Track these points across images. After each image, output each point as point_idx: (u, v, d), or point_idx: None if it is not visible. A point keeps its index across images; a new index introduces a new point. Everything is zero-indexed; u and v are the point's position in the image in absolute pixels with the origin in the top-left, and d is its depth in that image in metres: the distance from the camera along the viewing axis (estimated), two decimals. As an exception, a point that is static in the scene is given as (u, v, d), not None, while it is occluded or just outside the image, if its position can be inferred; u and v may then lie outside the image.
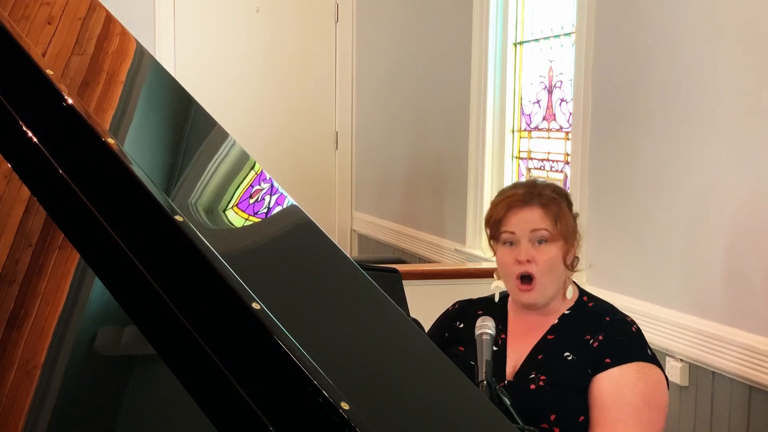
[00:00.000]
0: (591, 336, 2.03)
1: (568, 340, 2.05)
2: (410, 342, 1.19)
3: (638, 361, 1.99)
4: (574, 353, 2.02)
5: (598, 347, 2.01)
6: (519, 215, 2.07)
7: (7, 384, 1.19)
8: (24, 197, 1.34)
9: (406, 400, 1.09)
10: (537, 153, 3.96)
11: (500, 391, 1.80)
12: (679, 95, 2.86)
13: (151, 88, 1.55)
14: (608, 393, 1.96)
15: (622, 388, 1.96)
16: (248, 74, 5.50)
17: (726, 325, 2.67)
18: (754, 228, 2.57)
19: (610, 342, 2.01)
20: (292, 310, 1.13)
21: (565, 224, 2.07)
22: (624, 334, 2.03)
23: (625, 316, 2.09)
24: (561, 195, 2.12)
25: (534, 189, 2.11)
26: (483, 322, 1.92)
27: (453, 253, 4.35)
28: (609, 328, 2.04)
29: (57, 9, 1.54)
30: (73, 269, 1.29)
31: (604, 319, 2.06)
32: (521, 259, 2.05)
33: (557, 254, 2.06)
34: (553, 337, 2.07)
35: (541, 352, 2.05)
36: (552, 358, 2.03)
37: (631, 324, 2.06)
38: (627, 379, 1.97)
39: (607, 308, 2.11)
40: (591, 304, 2.12)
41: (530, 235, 2.05)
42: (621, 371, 1.97)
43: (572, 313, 2.10)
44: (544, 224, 2.05)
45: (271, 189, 1.38)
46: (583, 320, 2.08)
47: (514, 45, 4.08)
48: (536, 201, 2.08)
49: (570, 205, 2.14)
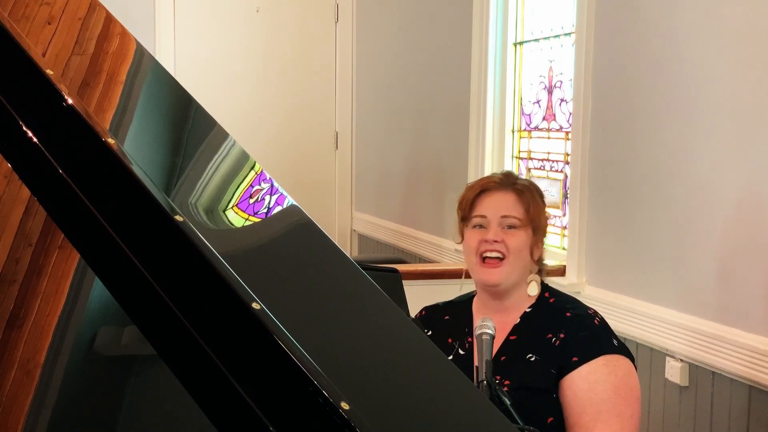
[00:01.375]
0: (552, 334, 2.01)
1: (530, 340, 2.03)
2: (410, 342, 1.19)
3: (605, 354, 1.97)
4: (537, 353, 2.00)
5: (560, 345, 1.99)
6: (492, 197, 2.09)
7: (7, 384, 1.19)
8: (24, 197, 1.34)
9: (406, 400, 1.09)
10: (537, 153, 3.96)
11: (500, 391, 1.80)
12: (678, 95, 2.86)
13: (151, 88, 1.55)
14: (581, 392, 1.94)
15: (593, 385, 1.94)
16: (248, 74, 5.50)
17: (726, 325, 2.67)
18: (754, 228, 2.57)
19: (573, 339, 1.99)
20: (292, 310, 1.13)
21: (537, 214, 2.08)
22: (586, 329, 2.01)
23: (587, 309, 2.07)
24: (536, 189, 2.14)
25: (510, 177, 2.15)
26: (483, 323, 1.91)
27: (453, 253, 4.35)
28: (570, 325, 2.01)
29: (57, 9, 1.54)
30: (73, 269, 1.29)
31: (564, 315, 2.04)
32: (489, 239, 2.05)
33: (526, 241, 2.06)
34: (515, 338, 2.05)
35: (504, 353, 2.03)
36: (515, 360, 2.01)
37: (593, 316, 2.04)
38: (597, 375, 1.95)
39: (569, 303, 2.09)
40: (552, 300, 2.10)
41: (501, 220, 2.06)
42: (590, 368, 1.96)
43: (533, 310, 2.08)
44: (515, 211, 2.06)
45: (271, 189, 1.38)
46: (545, 318, 2.06)
47: (514, 45, 4.08)
48: (511, 187, 2.10)
49: (543, 202, 2.15)
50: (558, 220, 3.68)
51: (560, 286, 2.34)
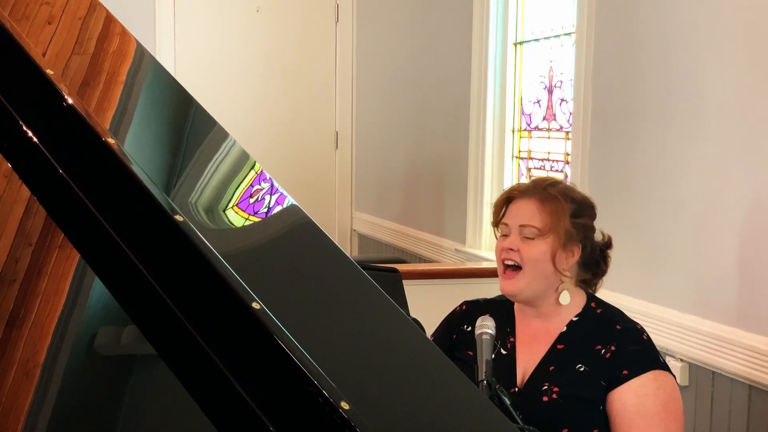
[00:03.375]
0: (602, 346, 2.00)
1: (578, 350, 2.02)
2: (410, 342, 1.19)
3: (654, 370, 1.97)
4: (587, 365, 1.99)
5: (611, 358, 1.98)
6: (515, 205, 2.07)
7: (7, 384, 1.19)
8: (24, 197, 1.34)
9: (406, 400, 1.09)
10: (537, 153, 3.96)
11: (500, 390, 1.79)
12: (678, 95, 2.86)
13: (151, 88, 1.55)
14: (631, 406, 1.94)
15: (643, 399, 1.94)
16: (248, 74, 5.50)
17: (726, 325, 2.67)
18: (754, 228, 2.57)
19: (624, 352, 1.98)
20: (292, 310, 1.13)
21: (558, 222, 2.03)
22: (637, 343, 2.01)
23: (636, 324, 2.06)
24: (568, 198, 2.06)
25: (541, 184, 2.09)
26: (483, 322, 1.91)
27: (453, 253, 4.35)
28: (621, 338, 2.01)
29: (57, 9, 1.54)
30: (73, 269, 1.29)
31: (614, 327, 2.03)
32: (506, 247, 2.05)
33: (545, 250, 2.02)
34: (563, 347, 2.04)
35: (552, 362, 2.02)
36: (564, 370, 2.00)
37: (641, 332, 2.04)
38: (647, 389, 1.95)
39: (616, 315, 2.08)
40: (599, 311, 2.08)
41: (520, 229, 2.05)
42: (640, 382, 1.96)
43: (580, 320, 2.06)
44: (534, 220, 2.03)
45: (271, 189, 1.38)
46: (592, 328, 2.04)
47: (514, 45, 4.08)
48: (537, 194, 2.05)
49: (580, 211, 2.08)
50: (558, 220, 3.68)
51: (560, 286, 2.34)
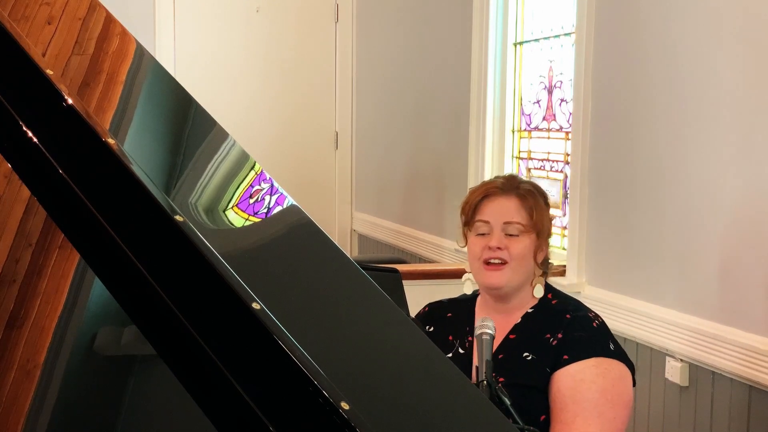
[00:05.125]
0: (551, 334, 2.02)
1: (528, 339, 2.04)
2: (410, 342, 1.19)
3: (598, 357, 1.98)
4: (534, 353, 2.01)
5: (556, 345, 2.00)
6: (495, 203, 2.09)
7: (7, 384, 1.19)
8: (24, 197, 1.34)
9: (406, 400, 1.09)
10: (537, 153, 3.96)
11: (500, 391, 1.80)
12: (678, 95, 2.86)
13: (151, 88, 1.55)
14: (565, 389, 1.95)
15: (579, 383, 1.95)
16: (248, 74, 5.50)
17: (726, 325, 2.67)
18: (753, 228, 2.57)
19: (569, 339, 2.00)
20: (292, 310, 1.13)
21: (540, 218, 2.08)
22: (583, 330, 2.02)
23: (588, 312, 2.08)
24: (539, 192, 2.13)
25: (513, 181, 2.14)
26: (483, 322, 1.91)
27: (453, 253, 4.35)
28: (569, 326, 2.03)
29: (57, 9, 1.54)
30: (73, 269, 1.29)
31: (564, 316, 2.05)
32: (492, 246, 2.05)
33: (529, 246, 2.06)
34: (514, 337, 2.06)
35: (502, 351, 2.04)
36: (511, 359, 2.02)
37: (593, 319, 2.05)
38: (585, 374, 1.96)
39: (570, 305, 2.10)
40: (555, 302, 2.11)
41: (503, 226, 2.06)
42: (579, 367, 1.97)
43: (535, 311, 2.09)
44: (518, 216, 2.06)
45: (271, 189, 1.38)
46: (545, 319, 2.07)
47: (514, 45, 4.08)
48: (514, 191, 2.10)
49: (547, 204, 2.15)
50: (558, 220, 3.68)
51: (560, 286, 2.34)
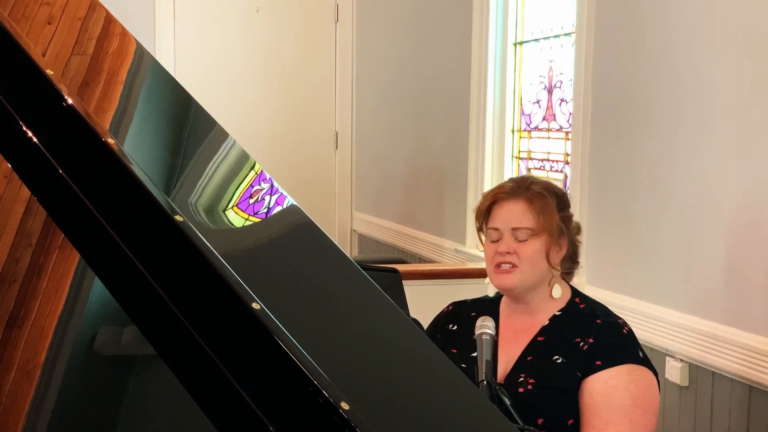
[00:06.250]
0: (581, 338, 2.02)
1: (557, 342, 2.04)
2: (410, 342, 1.19)
3: (629, 363, 1.98)
4: (564, 356, 2.01)
5: (588, 350, 2.00)
6: (503, 208, 2.09)
7: (7, 384, 1.19)
8: (24, 197, 1.34)
9: (406, 400, 1.09)
10: (537, 153, 3.96)
11: (500, 391, 1.80)
12: (678, 95, 2.86)
13: (151, 88, 1.55)
14: (598, 395, 1.95)
15: (612, 390, 1.95)
16: (248, 74, 5.50)
17: (726, 325, 2.67)
18: (753, 228, 2.57)
19: (601, 344, 2.00)
20: (292, 310, 1.13)
21: (549, 219, 2.07)
22: (615, 336, 2.02)
23: (617, 318, 2.08)
24: (551, 192, 2.11)
25: (523, 183, 2.12)
26: (483, 322, 1.92)
27: (453, 253, 4.35)
28: (600, 331, 2.03)
29: (57, 9, 1.54)
30: (73, 269, 1.29)
31: (594, 321, 2.05)
32: (501, 251, 2.06)
33: (540, 248, 2.06)
34: (543, 339, 2.06)
35: (530, 353, 2.05)
36: (541, 361, 2.02)
37: (622, 326, 2.05)
38: (617, 381, 1.96)
39: (599, 310, 2.10)
40: (582, 306, 2.11)
41: (512, 231, 2.06)
42: (611, 373, 1.97)
43: (563, 314, 2.09)
44: (526, 220, 2.06)
45: (271, 189, 1.38)
46: (574, 322, 2.07)
47: (514, 45, 4.08)
48: (522, 194, 2.09)
49: (562, 204, 2.13)
50: (558, 220, 3.68)
51: (560, 286, 2.34)
